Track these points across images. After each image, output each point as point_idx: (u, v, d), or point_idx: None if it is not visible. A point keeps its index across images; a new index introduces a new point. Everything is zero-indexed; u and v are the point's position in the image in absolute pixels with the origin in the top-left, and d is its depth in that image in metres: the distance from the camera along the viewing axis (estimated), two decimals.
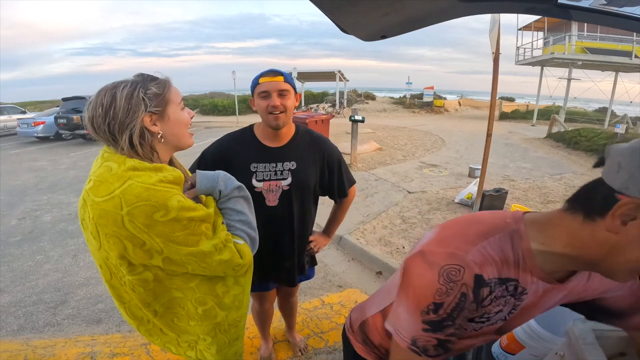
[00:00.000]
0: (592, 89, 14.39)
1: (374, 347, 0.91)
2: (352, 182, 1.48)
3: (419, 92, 20.96)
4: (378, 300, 0.88)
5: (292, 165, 1.28)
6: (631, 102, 14.23)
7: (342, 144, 7.47)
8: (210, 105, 19.67)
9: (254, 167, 1.26)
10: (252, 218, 0.93)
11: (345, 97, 19.27)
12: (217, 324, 0.92)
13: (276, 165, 1.27)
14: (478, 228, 0.62)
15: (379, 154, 7.52)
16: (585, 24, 12.86)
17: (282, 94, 1.17)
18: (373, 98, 22.39)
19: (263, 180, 1.26)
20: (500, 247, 0.59)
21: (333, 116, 7.86)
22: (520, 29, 15.34)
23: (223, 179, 0.90)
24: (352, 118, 6.03)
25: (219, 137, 1.37)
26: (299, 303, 2.38)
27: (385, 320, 0.80)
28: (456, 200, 4.38)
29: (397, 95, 23.69)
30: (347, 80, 18.54)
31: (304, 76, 17.23)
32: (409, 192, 4.79)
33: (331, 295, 2.56)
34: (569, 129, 9.89)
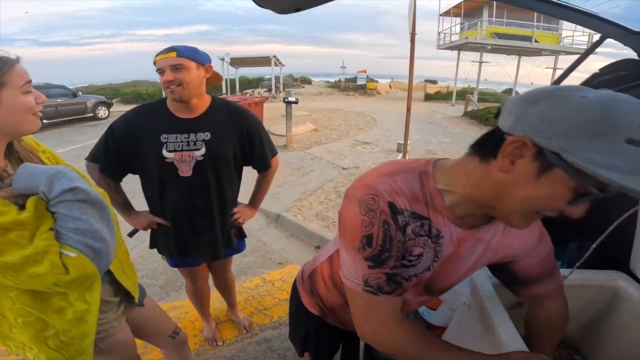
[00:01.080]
0: (500, 72, 16.18)
1: (319, 299, 0.93)
2: (274, 152, 1.52)
3: (353, 76, 21.53)
4: (327, 250, 0.91)
5: (205, 136, 1.28)
6: (532, 83, 16.28)
7: (278, 126, 7.48)
8: (133, 93, 18.24)
9: (165, 137, 1.25)
10: (97, 226, 0.76)
11: (281, 81, 19.03)
12: (46, 337, 0.82)
13: (188, 136, 1.27)
14: (391, 167, 0.66)
15: (314, 135, 7.66)
16: (495, 10, 14.25)
17: (176, 68, 1.18)
18: (309, 82, 22.72)
19: (174, 150, 1.26)
20: (409, 183, 0.63)
21: (267, 99, 7.75)
22: (441, 15, 16.49)
23: (49, 178, 0.72)
24: (286, 100, 6.02)
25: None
26: (240, 282, 2.39)
27: (331, 268, 0.85)
28: None
29: (332, 80, 24.17)
30: (283, 65, 18.30)
31: (238, 62, 16.57)
32: (343, 169, 5.00)
33: (272, 272, 2.59)
34: (481, 107, 11.15)
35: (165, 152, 1.25)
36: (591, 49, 1.20)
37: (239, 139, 1.36)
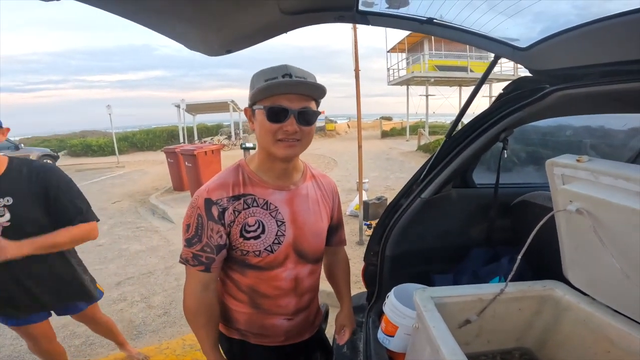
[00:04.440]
0: (445, 104, 17.32)
1: (232, 322, 1.02)
2: (80, 211, 1.34)
3: None
4: None
5: (6, 201, 1.22)
6: (473, 112, 17.61)
7: None
8: (82, 145, 17.32)
9: None
10: None
11: (241, 127, 19.07)
12: None
13: None
14: (219, 173, 0.92)
15: None
16: (433, 44, 15.52)
17: None
18: None
19: None
20: (230, 174, 0.89)
21: (224, 146, 7.59)
22: (388, 52, 17.70)
23: None
24: (243, 146, 5.92)
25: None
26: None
27: (223, 284, 1.02)
28: (347, 213, 4.59)
29: None
30: (242, 111, 18.45)
31: (194, 108, 16.44)
32: None
33: None
34: (432, 140, 11.69)
35: None
36: (489, 69, 1.23)
37: (44, 198, 1.28)
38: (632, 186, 0.71)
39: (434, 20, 1.05)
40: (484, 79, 1.20)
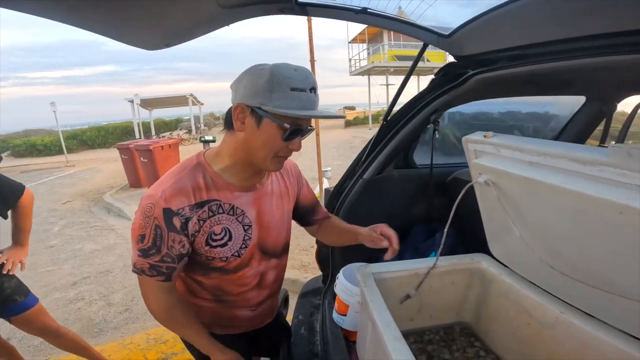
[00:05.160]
0: (405, 93, 17.87)
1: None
2: (18, 189, 1.44)
3: None
4: None
5: None
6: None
7: None
8: (26, 145, 16.04)
9: None
10: None
11: (202, 121, 18.44)
12: None
13: None
14: (171, 172, 0.79)
15: None
16: (392, 34, 15.86)
17: None
18: None
19: None
20: (188, 179, 0.76)
21: (182, 140, 7.35)
22: (349, 42, 17.89)
23: None
24: (202, 139, 5.79)
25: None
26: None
27: (185, 282, 0.94)
28: None
29: None
30: (202, 104, 17.80)
31: (150, 103, 15.62)
32: None
33: None
34: None
35: None
36: (418, 56, 1.30)
37: None
38: (526, 157, 0.80)
39: (368, 10, 1.10)
40: (413, 66, 1.29)
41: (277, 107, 0.68)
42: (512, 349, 1.06)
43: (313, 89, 0.71)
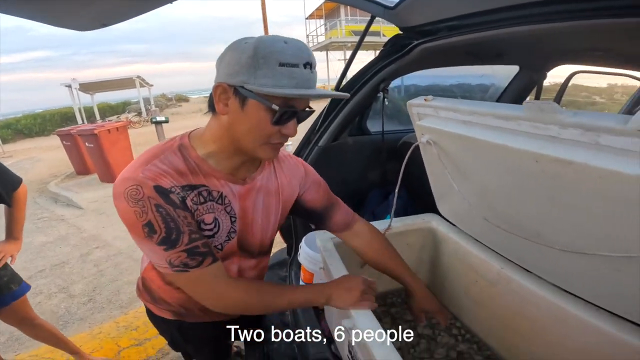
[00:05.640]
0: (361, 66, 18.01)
1: (163, 303, 0.89)
2: (16, 181, 1.45)
3: None
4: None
5: None
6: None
7: None
8: None
9: None
10: None
11: (152, 103, 17.35)
12: None
13: None
14: (148, 154, 0.67)
15: None
16: (349, 10, 15.63)
17: None
18: (186, 100, 22.04)
19: None
20: (170, 162, 0.66)
21: (131, 122, 6.92)
22: (307, 18, 17.49)
23: None
24: (154, 119, 5.51)
25: None
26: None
27: (157, 269, 0.78)
28: None
29: None
30: (152, 86, 16.70)
31: (91, 87, 14.29)
32: None
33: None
34: None
35: None
36: (366, 28, 1.33)
37: None
38: (460, 116, 0.87)
39: None
40: (362, 38, 1.33)
41: (263, 85, 0.58)
42: (465, 307, 1.12)
43: (308, 64, 0.61)
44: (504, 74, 1.85)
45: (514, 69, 1.72)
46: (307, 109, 0.68)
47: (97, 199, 4.74)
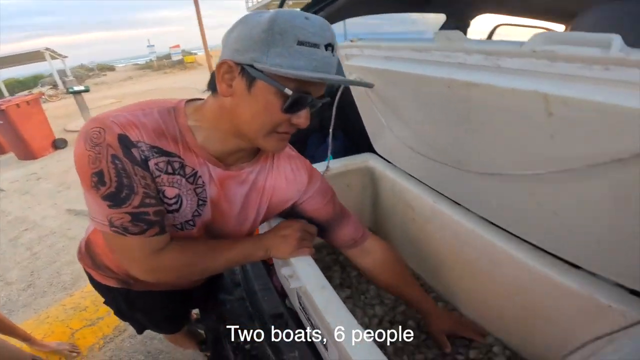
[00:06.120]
0: None
1: (107, 270, 0.83)
2: None
3: (166, 53, 21.35)
4: None
5: None
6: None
7: (76, 122, 6.33)
8: None
9: None
10: None
11: (69, 74, 15.59)
12: None
13: None
14: (139, 104, 0.61)
15: None
16: None
17: None
18: (112, 69, 20.94)
19: None
20: (154, 118, 0.59)
21: (43, 94, 6.14)
22: None
23: None
24: (71, 89, 4.91)
25: None
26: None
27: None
28: None
29: (142, 62, 23.51)
30: (65, 57, 15.07)
31: None
32: None
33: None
34: None
35: None
36: None
37: None
38: (382, 52, 0.91)
39: None
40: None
41: (277, 65, 0.50)
42: (406, 248, 1.15)
43: (330, 46, 0.53)
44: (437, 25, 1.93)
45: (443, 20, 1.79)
46: (322, 98, 0.59)
47: (18, 179, 4.27)
